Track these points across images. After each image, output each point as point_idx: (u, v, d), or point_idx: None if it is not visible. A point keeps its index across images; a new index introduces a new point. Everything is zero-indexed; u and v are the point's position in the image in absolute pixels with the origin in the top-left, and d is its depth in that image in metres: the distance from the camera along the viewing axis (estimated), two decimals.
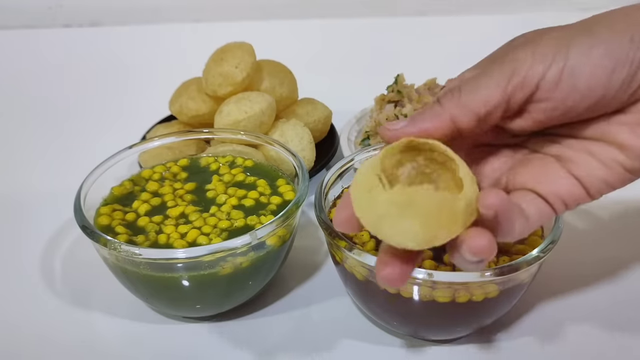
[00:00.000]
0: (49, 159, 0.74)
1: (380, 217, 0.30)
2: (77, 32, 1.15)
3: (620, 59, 0.31)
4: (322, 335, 0.47)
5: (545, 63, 0.32)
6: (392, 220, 0.30)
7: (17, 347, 0.48)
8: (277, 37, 0.96)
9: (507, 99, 0.33)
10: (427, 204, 0.30)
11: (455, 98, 0.34)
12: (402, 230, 0.30)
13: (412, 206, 0.30)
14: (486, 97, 0.33)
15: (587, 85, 0.32)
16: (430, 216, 0.30)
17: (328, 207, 0.49)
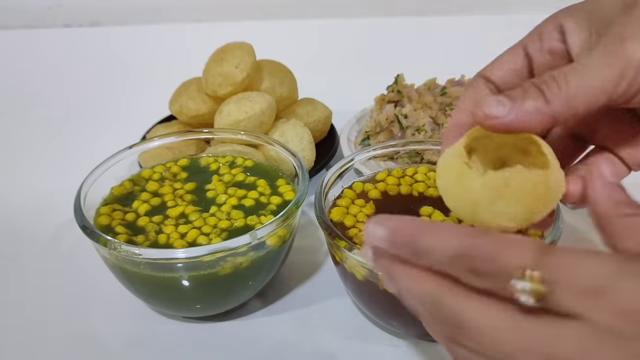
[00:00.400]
0: (49, 159, 0.74)
1: (477, 203, 0.31)
2: (77, 32, 1.15)
3: None
4: (322, 335, 0.47)
5: None
6: (491, 204, 0.30)
7: (17, 347, 0.48)
8: (277, 37, 0.96)
9: (617, 98, 0.31)
10: (522, 184, 0.30)
11: (562, 92, 0.31)
12: (503, 212, 0.30)
13: (509, 187, 0.30)
14: (595, 96, 0.31)
15: None
16: (526, 194, 0.30)
17: (328, 207, 0.49)
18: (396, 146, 0.55)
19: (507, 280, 0.25)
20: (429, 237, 0.28)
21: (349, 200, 0.49)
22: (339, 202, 0.49)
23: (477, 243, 0.26)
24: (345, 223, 0.47)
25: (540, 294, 0.24)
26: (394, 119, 0.66)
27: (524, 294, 0.24)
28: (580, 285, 0.24)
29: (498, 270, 0.25)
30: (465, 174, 0.31)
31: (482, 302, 0.26)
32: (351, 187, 0.51)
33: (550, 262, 0.24)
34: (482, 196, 0.31)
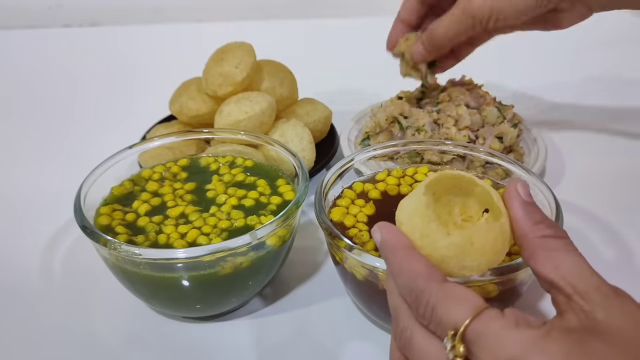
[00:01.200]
0: (49, 158, 0.74)
1: (444, 259, 0.33)
2: (77, 32, 1.15)
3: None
4: (322, 335, 0.47)
5: None
6: (457, 261, 0.33)
7: (17, 347, 0.48)
8: (277, 37, 0.96)
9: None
10: (485, 239, 0.33)
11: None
12: (468, 266, 0.33)
13: (473, 245, 0.33)
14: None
15: None
16: (489, 249, 0.33)
17: (328, 207, 0.49)
18: (396, 146, 0.55)
19: (442, 330, 0.29)
20: (399, 263, 0.32)
21: (348, 200, 0.49)
22: (339, 202, 0.49)
23: (428, 288, 0.30)
24: (345, 223, 0.47)
25: (460, 354, 0.28)
26: (394, 120, 0.66)
27: (449, 351, 0.28)
28: (498, 355, 0.27)
29: (436, 322, 0.29)
30: (431, 235, 0.34)
31: (429, 335, 0.30)
32: (351, 187, 0.51)
33: (478, 326, 0.28)
34: (448, 254, 0.33)
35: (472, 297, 0.29)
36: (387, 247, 0.34)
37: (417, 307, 0.31)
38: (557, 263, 0.30)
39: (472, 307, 0.28)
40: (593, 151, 0.71)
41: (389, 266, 0.33)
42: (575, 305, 0.29)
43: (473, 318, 0.28)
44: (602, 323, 0.27)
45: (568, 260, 0.30)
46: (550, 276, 0.30)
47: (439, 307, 0.29)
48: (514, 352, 0.26)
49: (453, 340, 0.28)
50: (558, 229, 0.32)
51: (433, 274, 0.31)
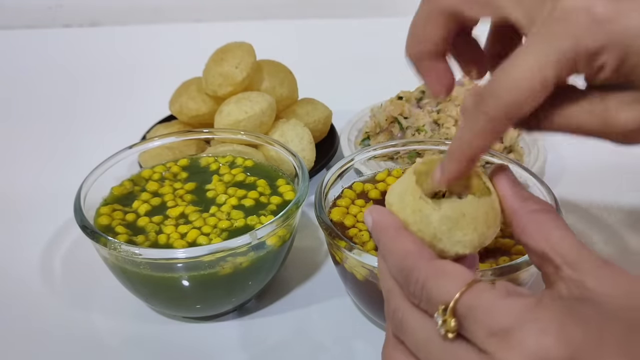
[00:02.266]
0: (49, 158, 0.74)
1: (435, 234, 0.33)
2: (77, 32, 1.15)
3: None
4: (322, 335, 0.47)
5: None
6: (449, 235, 0.33)
7: (17, 346, 0.48)
8: (277, 37, 0.96)
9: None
10: (476, 212, 0.33)
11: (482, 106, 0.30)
12: (459, 240, 0.33)
13: (465, 217, 0.33)
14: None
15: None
16: (480, 222, 0.33)
17: (328, 207, 0.49)
18: (396, 146, 0.55)
19: (432, 307, 0.28)
20: (389, 243, 0.32)
21: (349, 200, 0.49)
22: (339, 202, 0.49)
23: (417, 266, 0.30)
24: (345, 223, 0.47)
25: (452, 329, 0.27)
26: (393, 120, 0.66)
27: (440, 326, 0.28)
28: (491, 326, 0.26)
29: (426, 299, 0.29)
30: (422, 210, 0.33)
31: (420, 314, 0.30)
32: (351, 187, 0.51)
33: (469, 300, 0.27)
34: (440, 228, 0.33)
35: (462, 272, 0.29)
36: (378, 229, 0.34)
37: (407, 286, 0.30)
38: (546, 235, 0.30)
39: (461, 282, 0.28)
40: (593, 151, 0.71)
41: (380, 247, 0.33)
42: (564, 275, 0.28)
43: (463, 292, 0.27)
44: (592, 291, 0.27)
45: (557, 233, 0.30)
46: (540, 247, 0.30)
47: (428, 283, 0.29)
48: (506, 321, 0.26)
49: (444, 315, 0.28)
50: (546, 204, 0.32)
51: (422, 252, 0.31)
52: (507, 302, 0.26)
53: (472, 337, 0.27)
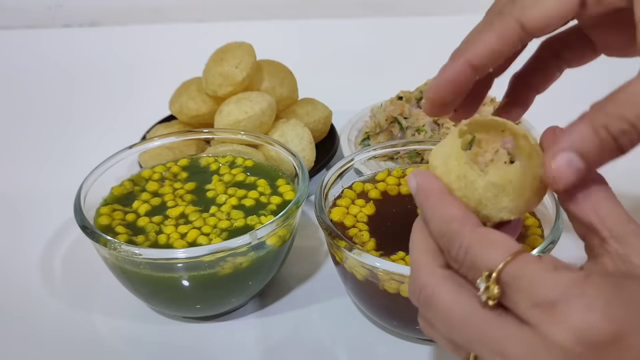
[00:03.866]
0: (49, 158, 0.74)
1: (481, 200, 0.32)
2: (77, 32, 1.15)
3: None
4: (322, 335, 0.47)
5: None
6: (495, 202, 0.32)
7: (17, 346, 0.48)
8: (277, 37, 0.96)
9: None
10: (523, 179, 0.32)
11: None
12: (505, 207, 0.32)
13: (512, 184, 0.32)
14: None
15: None
16: (527, 188, 0.32)
17: (328, 207, 0.49)
18: (396, 146, 0.55)
19: (475, 275, 0.27)
20: (433, 207, 0.31)
21: (349, 200, 0.49)
22: (339, 202, 0.49)
23: (462, 231, 0.29)
24: (345, 223, 0.47)
25: (494, 296, 0.26)
26: (393, 120, 0.66)
27: (482, 294, 0.27)
28: (536, 297, 0.26)
29: (469, 264, 0.28)
30: (467, 175, 0.32)
31: (454, 287, 0.28)
32: (351, 187, 0.51)
33: (514, 269, 0.26)
34: (485, 195, 0.32)
35: (508, 242, 0.28)
36: (422, 193, 0.32)
37: (449, 250, 0.29)
38: (595, 205, 0.29)
39: (507, 251, 0.27)
40: None
41: (423, 212, 0.32)
42: (610, 248, 0.28)
43: (508, 261, 0.27)
44: (639, 268, 0.27)
45: (607, 205, 0.29)
46: (588, 217, 0.29)
47: (473, 249, 0.28)
48: (552, 294, 0.25)
49: (487, 281, 0.27)
50: (598, 174, 0.31)
51: (467, 218, 0.30)
52: (554, 275, 0.26)
53: (514, 307, 0.26)
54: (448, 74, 0.34)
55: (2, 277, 0.55)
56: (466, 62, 0.34)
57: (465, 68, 0.34)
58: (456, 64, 0.34)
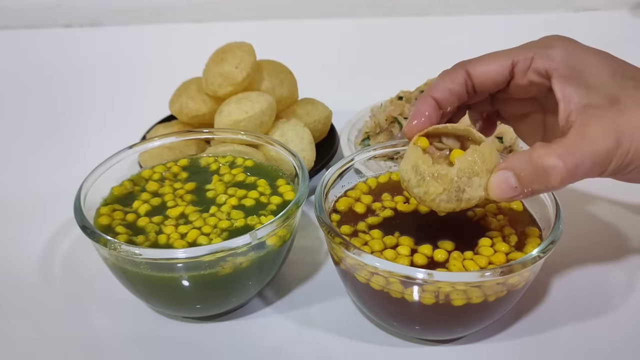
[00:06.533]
0: (49, 159, 0.74)
1: (460, 186, 0.39)
2: (77, 32, 1.15)
3: None
4: (322, 335, 0.47)
5: None
6: (469, 182, 0.39)
7: (17, 346, 0.48)
8: (277, 37, 0.96)
9: None
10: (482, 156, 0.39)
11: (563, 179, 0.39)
12: (478, 184, 0.39)
13: (476, 163, 0.39)
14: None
15: None
16: (488, 163, 0.39)
17: (328, 207, 0.49)
18: (396, 146, 0.55)
19: None
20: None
21: (359, 192, 0.50)
22: (350, 193, 0.50)
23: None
24: (356, 210, 0.48)
25: None
26: (393, 120, 0.66)
27: None
28: None
29: None
30: (440, 171, 0.39)
31: None
32: (366, 182, 0.52)
33: None
34: (461, 180, 0.39)
35: None
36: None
37: None
38: None
39: None
40: None
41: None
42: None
43: None
44: None
45: None
46: None
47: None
48: None
49: None
50: None
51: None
52: None
53: None
54: (421, 106, 0.44)
55: (2, 277, 0.55)
56: (431, 97, 0.44)
57: (431, 101, 0.44)
58: (426, 99, 0.45)
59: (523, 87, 0.44)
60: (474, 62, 0.45)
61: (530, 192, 0.39)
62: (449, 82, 0.45)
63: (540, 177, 0.38)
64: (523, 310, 0.49)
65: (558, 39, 0.44)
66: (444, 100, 0.44)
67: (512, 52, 0.44)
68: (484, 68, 0.44)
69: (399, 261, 0.42)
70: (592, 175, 0.39)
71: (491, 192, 0.39)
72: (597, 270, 0.53)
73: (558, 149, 0.38)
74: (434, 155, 0.41)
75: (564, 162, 0.38)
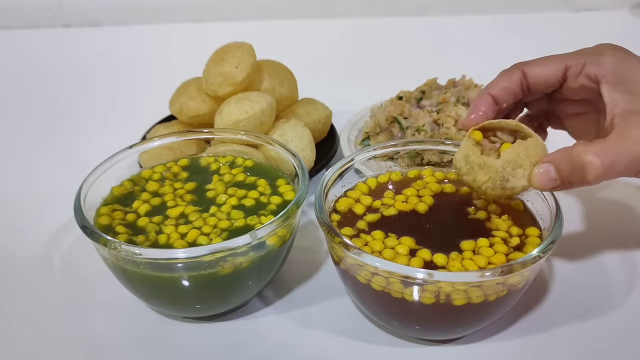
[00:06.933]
0: (49, 159, 0.74)
1: (504, 176, 0.43)
2: (77, 32, 1.15)
3: None
4: (322, 335, 0.47)
5: None
6: (513, 173, 0.43)
7: (17, 347, 0.48)
8: (277, 37, 0.96)
9: None
10: (527, 150, 0.43)
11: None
12: (522, 175, 0.43)
13: (520, 156, 0.43)
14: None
15: None
16: (532, 156, 0.43)
17: (328, 207, 0.49)
18: (396, 146, 0.55)
19: None
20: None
21: (359, 192, 0.50)
22: (350, 194, 0.50)
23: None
24: (356, 210, 0.48)
25: None
26: (393, 120, 0.66)
27: None
28: None
29: None
30: (487, 162, 0.43)
31: None
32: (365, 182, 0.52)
33: None
34: (506, 170, 0.43)
35: None
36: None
37: None
38: None
39: None
40: None
41: None
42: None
43: None
44: None
45: None
46: None
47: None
48: None
49: None
50: None
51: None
52: None
53: None
54: (478, 102, 0.48)
55: (2, 277, 0.55)
56: (488, 94, 0.48)
57: (488, 97, 0.48)
58: (483, 95, 0.48)
59: (575, 90, 0.48)
60: (530, 64, 0.48)
61: (568, 185, 0.42)
62: (505, 80, 0.48)
63: (577, 172, 0.42)
64: (523, 310, 0.49)
65: (610, 47, 0.47)
66: (500, 97, 0.48)
67: (566, 57, 0.48)
68: (539, 70, 0.48)
69: (399, 261, 0.42)
70: (627, 174, 0.42)
71: (533, 182, 0.43)
72: (597, 270, 0.53)
73: (596, 147, 0.41)
74: (486, 147, 0.45)
75: (600, 160, 0.41)
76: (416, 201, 0.49)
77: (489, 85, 0.49)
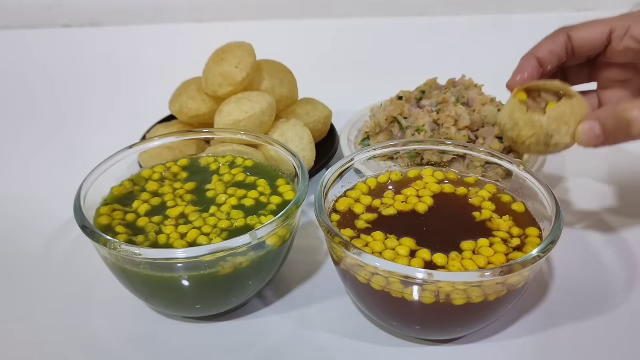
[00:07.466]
0: (49, 159, 0.74)
1: (548, 133, 0.45)
2: (77, 32, 1.15)
3: None
4: (322, 335, 0.47)
5: None
6: (558, 129, 0.45)
7: (17, 347, 0.48)
8: (277, 37, 0.96)
9: None
10: (572, 109, 0.44)
11: None
12: (566, 132, 0.45)
13: (566, 114, 0.44)
14: None
15: None
16: (577, 114, 0.45)
17: (328, 207, 0.49)
18: (396, 146, 0.55)
19: None
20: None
21: (359, 193, 0.50)
22: (350, 194, 0.50)
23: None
24: (355, 210, 0.48)
25: None
26: (393, 120, 0.66)
27: None
28: None
29: None
30: (532, 118, 0.45)
31: None
32: (365, 182, 0.52)
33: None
34: (551, 127, 0.44)
35: None
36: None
37: None
38: None
39: None
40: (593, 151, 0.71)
41: None
42: None
43: None
44: None
45: None
46: None
47: None
48: None
49: None
50: None
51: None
52: None
53: None
54: (524, 63, 0.50)
55: (2, 277, 0.55)
56: (534, 56, 0.50)
57: (534, 59, 0.50)
58: (529, 57, 0.50)
59: (619, 52, 0.49)
60: (576, 27, 0.50)
61: (612, 141, 0.44)
62: (551, 44, 0.50)
63: (622, 128, 0.43)
64: (523, 310, 0.49)
65: None
66: (545, 59, 0.50)
67: (611, 21, 0.49)
68: (584, 33, 0.49)
69: (399, 261, 0.42)
70: None
71: (578, 139, 0.45)
72: (597, 270, 0.53)
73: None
74: (531, 107, 0.47)
75: None
76: (416, 201, 0.49)
77: (535, 48, 0.51)
